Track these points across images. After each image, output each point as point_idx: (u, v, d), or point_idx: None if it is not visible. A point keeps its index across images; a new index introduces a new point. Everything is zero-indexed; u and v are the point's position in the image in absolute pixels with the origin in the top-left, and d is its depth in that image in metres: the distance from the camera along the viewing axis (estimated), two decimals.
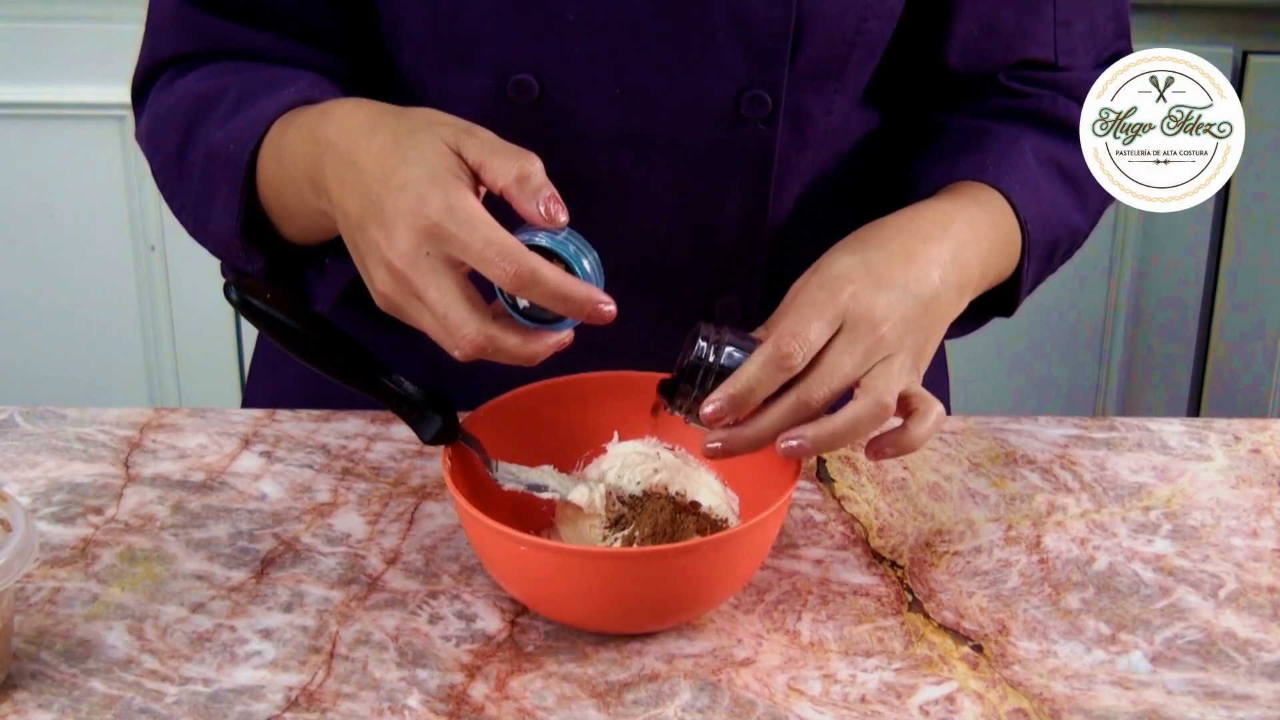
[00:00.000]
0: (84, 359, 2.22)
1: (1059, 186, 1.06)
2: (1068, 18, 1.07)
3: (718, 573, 0.84)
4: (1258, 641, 0.87)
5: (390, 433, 1.06)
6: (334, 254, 1.02)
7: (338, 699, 0.82)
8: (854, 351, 0.86)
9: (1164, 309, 2.16)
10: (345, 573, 0.92)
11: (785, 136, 1.02)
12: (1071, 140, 1.07)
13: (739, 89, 0.99)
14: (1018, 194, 1.02)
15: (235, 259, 1.02)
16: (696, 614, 0.87)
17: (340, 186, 0.88)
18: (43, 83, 2.07)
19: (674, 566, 0.83)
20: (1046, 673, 0.84)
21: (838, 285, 0.88)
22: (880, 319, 0.87)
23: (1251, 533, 0.97)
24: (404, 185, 0.83)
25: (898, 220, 0.96)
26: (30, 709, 0.81)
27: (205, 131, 1.00)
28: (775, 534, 0.89)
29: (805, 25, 0.98)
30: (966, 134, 1.08)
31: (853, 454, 1.04)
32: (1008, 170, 1.04)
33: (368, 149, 0.87)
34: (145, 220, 2.13)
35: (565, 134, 1.00)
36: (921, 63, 1.09)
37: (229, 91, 1.00)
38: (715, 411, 0.85)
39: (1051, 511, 0.99)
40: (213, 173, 0.99)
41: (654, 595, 0.84)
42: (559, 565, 0.84)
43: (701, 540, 0.86)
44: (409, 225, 0.82)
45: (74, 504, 0.98)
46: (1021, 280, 1.04)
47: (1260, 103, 2.02)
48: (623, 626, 0.87)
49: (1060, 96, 1.08)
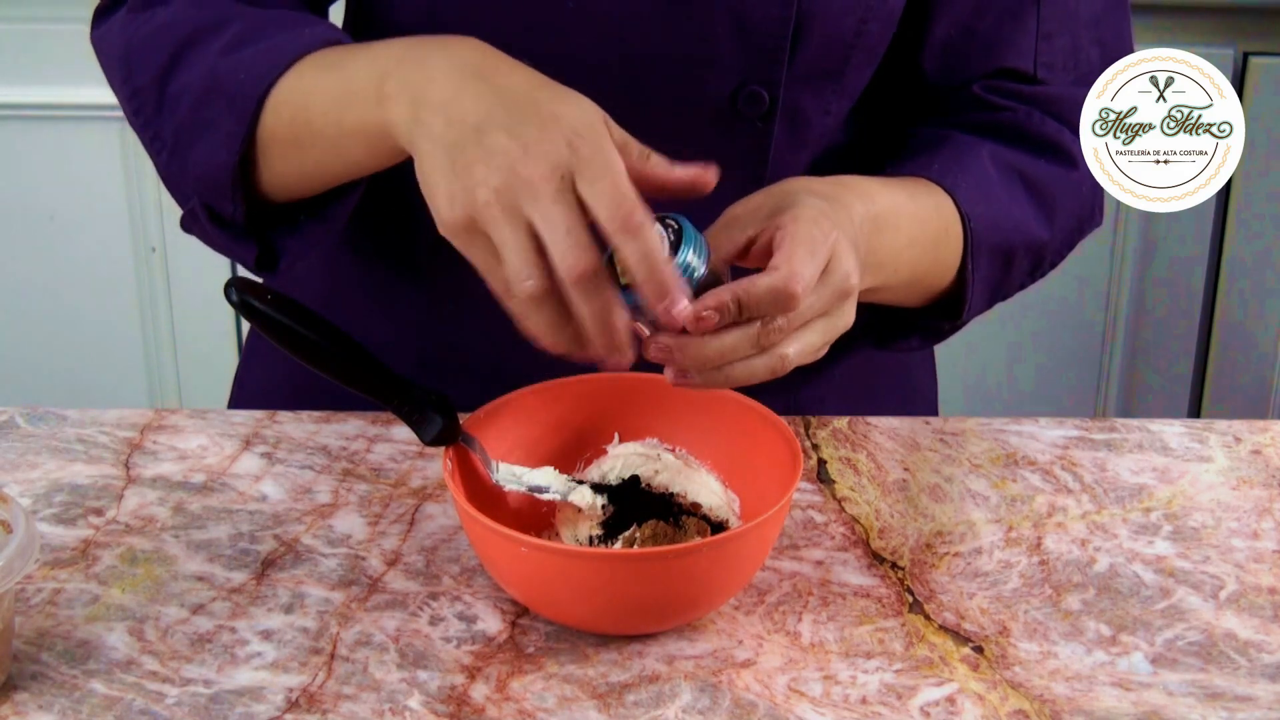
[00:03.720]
0: (84, 360, 2.22)
1: (1018, 194, 1.04)
2: (1051, 30, 1.05)
3: (718, 574, 0.84)
4: (1258, 643, 0.87)
5: (391, 434, 1.06)
6: (309, 213, 0.99)
7: (338, 700, 0.82)
8: (818, 307, 0.84)
9: (1164, 309, 2.16)
10: (346, 574, 0.92)
11: (781, 135, 1.02)
12: (1044, 155, 1.06)
13: (736, 85, 0.99)
14: (961, 190, 1.00)
15: (217, 198, 0.97)
16: (697, 615, 0.87)
17: (457, 91, 0.83)
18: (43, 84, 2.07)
19: (674, 568, 0.83)
20: (1047, 674, 0.84)
21: (825, 230, 0.84)
22: (850, 286, 0.85)
23: (1252, 534, 0.97)
24: (568, 99, 0.81)
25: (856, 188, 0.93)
26: (31, 710, 0.81)
27: (200, 58, 0.95)
28: (776, 535, 0.89)
29: (805, 25, 0.98)
30: (926, 140, 1.06)
31: (853, 455, 1.04)
32: (954, 169, 1.01)
33: (510, 72, 0.84)
34: (146, 221, 2.13)
35: None
36: (897, 69, 1.08)
37: (231, 23, 0.95)
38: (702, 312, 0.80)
39: (1052, 513, 0.99)
40: (209, 102, 0.94)
41: (654, 596, 0.84)
42: (558, 566, 0.84)
43: (702, 541, 0.86)
44: (566, 130, 0.79)
45: (74, 505, 0.98)
46: (968, 280, 1.02)
47: (1260, 103, 2.02)
48: (623, 628, 0.87)
49: (1037, 112, 1.06)
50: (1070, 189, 1.06)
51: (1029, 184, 1.05)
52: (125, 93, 0.99)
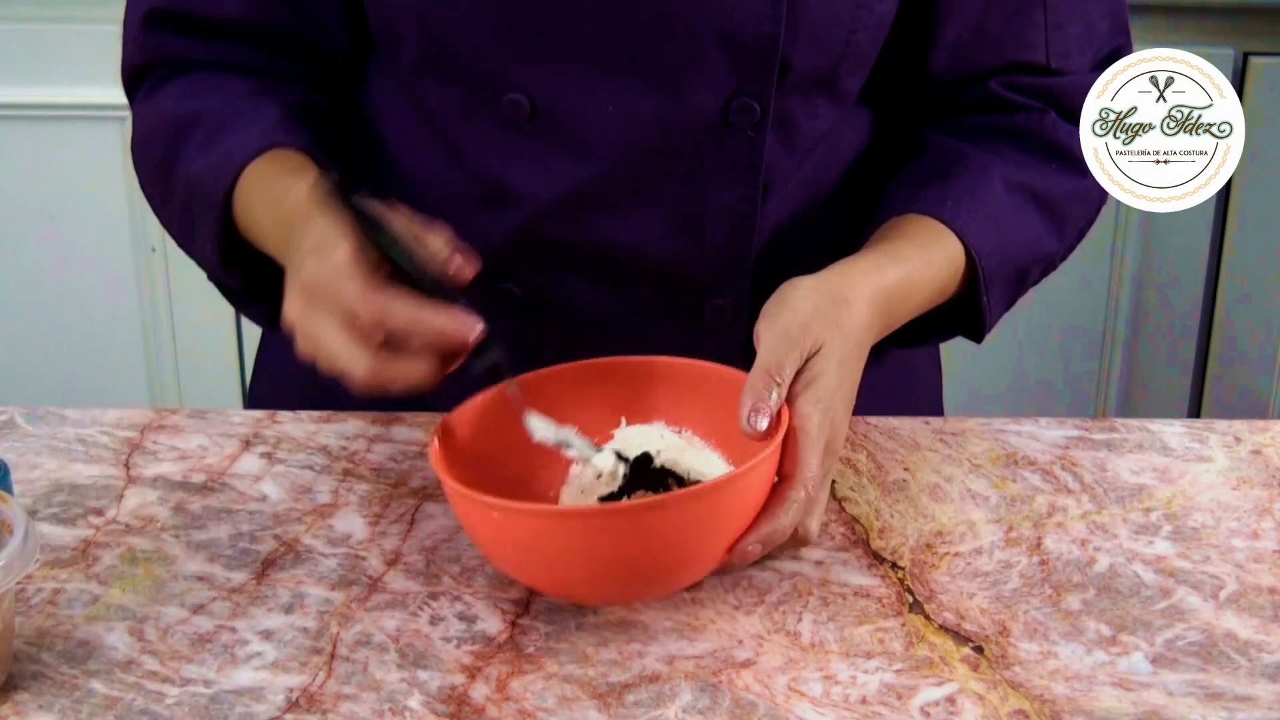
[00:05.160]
0: (85, 360, 2.22)
1: (1031, 216, 1.07)
2: (1060, 19, 1.06)
3: (696, 532, 0.83)
4: (1258, 643, 0.87)
5: (391, 434, 1.06)
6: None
7: (338, 700, 0.82)
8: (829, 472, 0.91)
9: (1164, 309, 2.16)
10: (346, 574, 0.92)
11: (773, 142, 1.02)
12: (1055, 162, 1.07)
13: (727, 98, 1.00)
14: (972, 232, 1.03)
15: (218, 278, 1.09)
16: (681, 579, 0.86)
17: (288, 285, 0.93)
18: (43, 83, 2.08)
19: (646, 523, 0.81)
20: (1047, 674, 0.84)
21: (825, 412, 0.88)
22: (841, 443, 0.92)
23: (1252, 534, 0.97)
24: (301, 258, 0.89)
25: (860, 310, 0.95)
26: (31, 710, 0.81)
27: (184, 159, 1.05)
28: (757, 493, 0.86)
29: (794, 37, 0.98)
30: (941, 158, 1.08)
31: (853, 455, 1.04)
32: (968, 207, 1.04)
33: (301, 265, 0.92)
34: (145, 221, 2.13)
35: (557, 146, 1.01)
36: (907, 70, 1.09)
37: (202, 121, 1.05)
38: (751, 553, 0.86)
39: (1052, 513, 0.99)
40: (194, 203, 1.04)
41: (631, 556, 0.83)
42: (531, 528, 0.83)
43: (670, 495, 0.85)
44: (294, 288, 0.88)
45: (74, 505, 0.98)
46: (984, 311, 1.05)
47: (1260, 103, 2.02)
48: (607, 594, 0.86)
49: (1052, 113, 1.07)
50: (1080, 197, 1.08)
51: (1041, 202, 1.07)
52: (141, 178, 1.11)
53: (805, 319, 0.90)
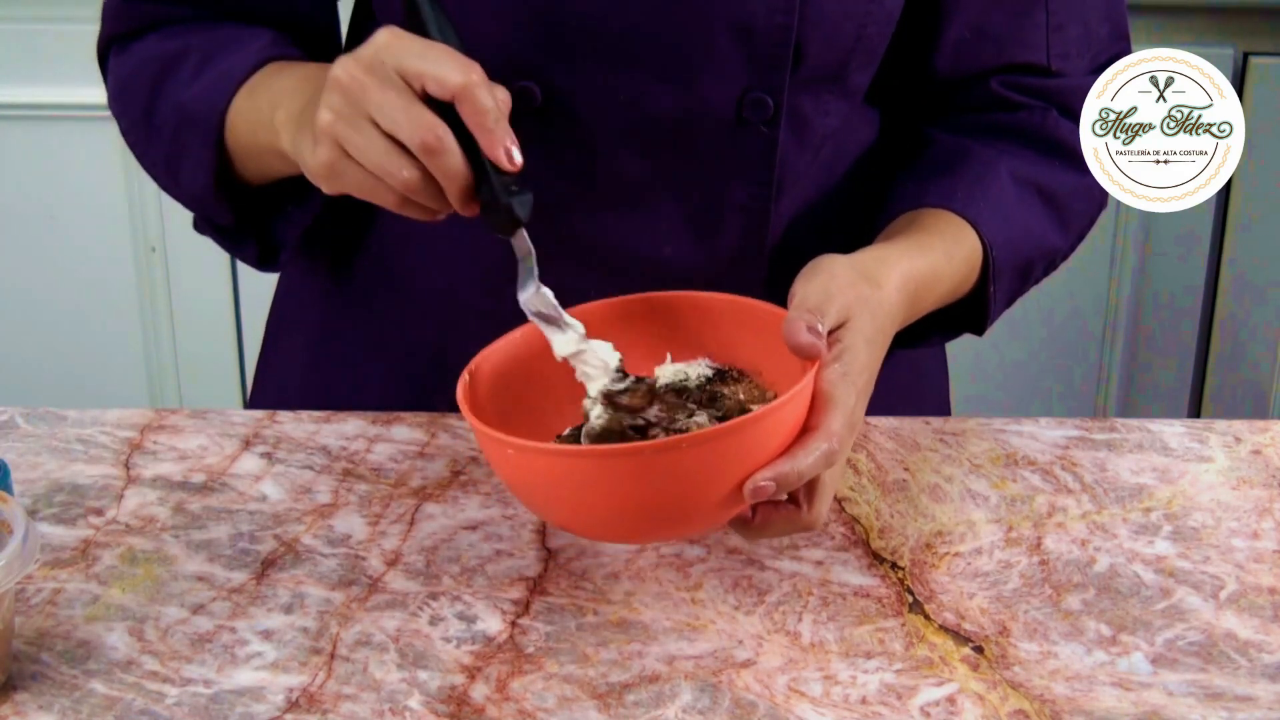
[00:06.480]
0: (84, 359, 2.22)
1: (1037, 210, 1.07)
2: (1061, 22, 1.07)
3: (707, 475, 0.81)
4: (1258, 643, 0.87)
5: (391, 434, 1.06)
6: (296, 201, 1.07)
7: (338, 700, 0.82)
8: (846, 449, 0.88)
9: (1164, 309, 2.17)
10: (346, 574, 0.92)
11: (785, 139, 1.03)
12: (1058, 158, 1.07)
13: (740, 93, 1.00)
14: (984, 221, 1.03)
15: (207, 212, 1.07)
16: (697, 522, 0.85)
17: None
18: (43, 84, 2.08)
19: (659, 465, 0.80)
20: (1047, 674, 0.84)
21: (852, 384, 0.87)
22: (860, 421, 0.89)
23: (1252, 534, 0.97)
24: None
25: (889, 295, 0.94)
26: (31, 710, 0.81)
27: (171, 91, 1.04)
28: (778, 437, 0.84)
29: (806, 32, 0.99)
30: (947, 153, 1.08)
31: (853, 455, 1.04)
32: (978, 197, 1.04)
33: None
34: (145, 220, 2.13)
35: (568, 138, 1.01)
36: (910, 69, 1.09)
37: (191, 52, 1.04)
38: (763, 489, 0.83)
39: (1052, 513, 0.99)
40: (183, 133, 1.03)
41: (645, 496, 0.82)
42: (545, 466, 0.82)
43: (681, 437, 0.82)
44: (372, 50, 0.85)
45: (74, 505, 0.98)
46: (990, 302, 1.05)
47: (1260, 103, 2.02)
48: (624, 533, 0.87)
49: (1053, 111, 1.08)
50: (1084, 193, 1.08)
51: (1046, 197, 1.07)
52: (122, 127, 1.10)
53: (842, 285, 0.89)
